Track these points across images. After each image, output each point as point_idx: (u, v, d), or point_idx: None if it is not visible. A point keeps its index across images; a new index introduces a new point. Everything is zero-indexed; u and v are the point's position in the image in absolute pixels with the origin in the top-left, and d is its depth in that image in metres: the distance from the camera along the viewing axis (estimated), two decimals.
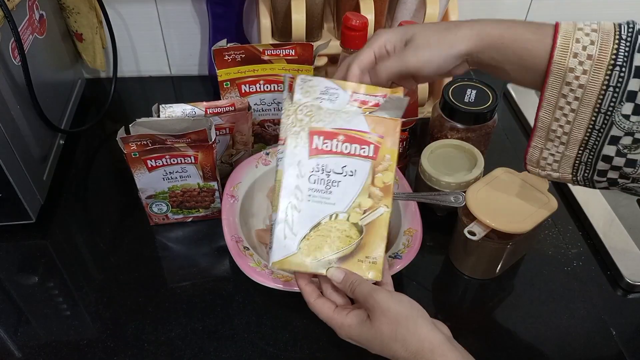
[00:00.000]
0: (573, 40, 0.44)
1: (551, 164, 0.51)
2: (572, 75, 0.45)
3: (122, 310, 0.63)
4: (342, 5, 0.81)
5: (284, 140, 0.49)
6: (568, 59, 0.44)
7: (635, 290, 0.66)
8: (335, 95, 0.49)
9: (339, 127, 0.49)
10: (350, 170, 0.49)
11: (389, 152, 0.50)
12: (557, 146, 0.49)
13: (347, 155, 0.49)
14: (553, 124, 0.48)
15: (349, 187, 0.49)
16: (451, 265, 0.69)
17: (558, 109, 0.47)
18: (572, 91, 0.45)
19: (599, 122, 0.46)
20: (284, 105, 0.50)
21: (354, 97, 0.49)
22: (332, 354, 0.60)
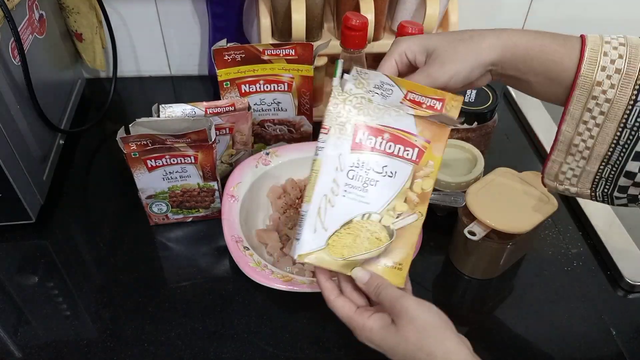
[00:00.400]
0: (601, 54, 0.44)
1: (570, 178, 0.50)
2: (599, 89, 0.44)
3: (122, 310, 0.63)
4: (342, 5, 0.81)
5: (327, 129, 0.46)
6: (596, 72, 0.44)
7: (635, 290, 0.66)
8: (389, 91, 0.47)
9: (386, 125, 0.47)
10: (391, 171, 0.48)
11: (433, 159, 0.48)
12: (577, 161, 0.48)
13: (390, 155, 0.47)
14: (576, 138, 0.47)
15: (386, 188, 0.47)
16: (451, 265, 0.69)
17: (582, 123, 0.46)
18: (598, 105, 0.45)
19: (623, 138, 0.45)
20: (333, 92, 0.47)
21: (409, 96, 0.46)
22: (332, 354, 0.60)
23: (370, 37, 0.80)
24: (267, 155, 0.73)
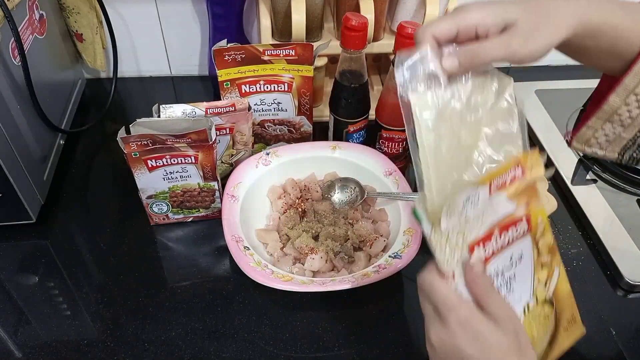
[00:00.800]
0: None
1: (602, 143, 0.50)
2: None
3: (122, 310, 0.63)
4: (342, 6, 0.81)
5: (452, 274, 0.43)
6: None
7: (635, 290, 0.66)
8: (476, 197, 0.43)
9: (490, 224, 0.44)
10: (518, 257, 0.46)
11: (539, 214, 0.46)
12: (614, 128, 0.48)
13: (508, 245, 0.45)
14: (622, 108, 0.47)
15: (524, 274, 0.46)
16: None
17: (633, 94, 0.46)
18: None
19: None
20: (430, 243, 0.43)
21: (492, 188, 0.44)
22: (332, 354, 0.60)
23: (370, 38, 0.80)
24: (267, 155, 0.73)
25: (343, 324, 0.62)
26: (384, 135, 0.76)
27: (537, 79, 1.00)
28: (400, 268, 0.60)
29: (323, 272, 0.64)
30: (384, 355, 0.59)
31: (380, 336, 0.61)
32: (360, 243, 0.67)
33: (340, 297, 0.64)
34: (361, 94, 0.73)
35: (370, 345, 0.60)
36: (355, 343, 0.60)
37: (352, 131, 0.76)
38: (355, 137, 0.77)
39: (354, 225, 0.69)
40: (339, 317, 0.63)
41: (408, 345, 0.60)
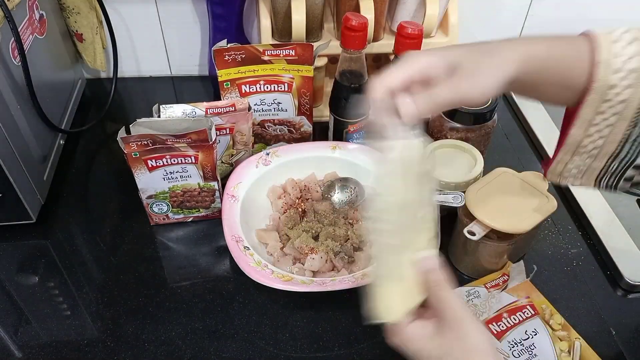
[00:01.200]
0: (612, 56, 0.43)
1: (575, 174, 0.50)
2: (613, 92, 0.43)
3: (123, 310, 0.63)
4: (342, 6, 0.81)
5: None
6: (610, 76, 0.43)
7: (635, 290, 0.66)
8: (476, 292, 0.62)
9: (497, 310, 0.60)
10: (532, 331, 0.59)
11: (542, 303, 0.61)
12: (584, 159, 0.48)
13: (520, 323, 0.59)
14: (585, 140, 0.47)
15: (542, 342, 0.58)
16: (451, 265, 0.69)
17: (593, 125, 0.46)
18: (612, 107, 0.44)
19: (634, 135, 0.45)
20: None
21: (487, 286, 0.63)
22: (332, 354, 0.60)
23: (370, 38, 0.80)
24: (267, 155, 0.73)
25: (343, 324, 0.62)
26: None
27: None
28: None
29: (323, 272, 0.64)
30: (384, 355, 0.59)
31: (380, 336, 0.61)
32: (360, 243, 0.67)
33: (340, 297, 0.64)
34: (361, 94, 0.73)
35: (370, 345, 0.60)
36: (355, 343, 0.60)
37: (352, 131, 0.76)
38: (355, 137, 0.77)
39: (354, 225, 0.69)
40: (339, 317, 0.63)
41: None
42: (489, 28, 0.98)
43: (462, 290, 0.62)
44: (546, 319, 0.60)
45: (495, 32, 0.98)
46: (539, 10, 0.96)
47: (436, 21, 0.81)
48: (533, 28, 0.98)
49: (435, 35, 0.84)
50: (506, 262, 0.66)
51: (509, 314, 0.60)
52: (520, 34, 0.99)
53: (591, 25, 1.04)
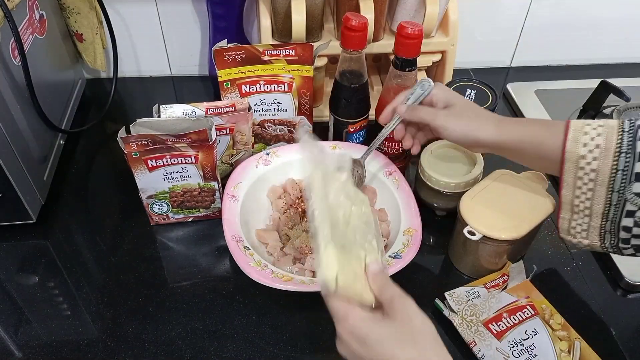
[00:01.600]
0: (582, 134, 0.52)
1: (580, 232, 0.56)
2: (583, 162, 0.51)
3: (122, 310, 0.63)
4: (342, 6, 0.81)
5: (473, 342, 0.58)
6: (579, 148, 0.51)
7: (635, 290, 0.66)
8: (475, 292, 0.62)
9: (497, 309, 0.60)
10: (532, 331, 0.59)
11: (542, 303, 0.62)
12: (582, 218, 0.55)
13: (520, 323, 0.59)
14: (575, 200, 0.54)
15: (542, 342, 0.58)
16: (451, 265, 0.69)
17: (577, 188, 0.53)
18: (586, 174, 0.52)
19: (614, 199, 0.51)
20: (453, 319, 0.60)
21: (487, 286, 0.63)
22: (332, 354, 0.60)
23: (370, 38, 0.80)
24: (267, 155, 0.73)
25: None
26: None
27: (537, 79, 1.00)
28: (400, 268, 0.60)
29: None
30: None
31: None
32: None
33: None
34: (361, 94, 0.73)
35: None
36: None
37: (352, 131, 0.76)
38: (355, 137, 0.77)
39: None
40: None
41: None
42: (489, 28, 0.98)
43: (462, 290, 0.62)
44: (546, 319, 0.60)
45: (495, 32, 0.98)
46: (538, 10, 0.96)
47: (436, 21, 0.81)
48: (533, 28, 0.99)
49: (435, 35, 0.84)
50: (506, 262, 0.66)
51: (509, 314, 0.60)
52: (520, 34, 1.00)
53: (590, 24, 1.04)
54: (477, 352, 0.57)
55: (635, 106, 0.85)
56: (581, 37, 1.01)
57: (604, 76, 0.87)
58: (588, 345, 0.58)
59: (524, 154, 0.57)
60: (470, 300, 0.61)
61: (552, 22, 0.98)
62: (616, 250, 0.55)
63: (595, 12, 0.98)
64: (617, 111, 0.84)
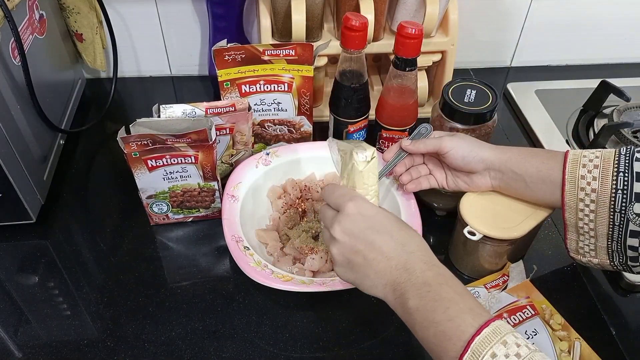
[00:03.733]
0: (580, 157, 0.54)
1: (589, 252, 0.57)
2: (584, 182, 0.53)
3: (122, 310, 0.63)
4: (342, 6, 0.81)
5: None
6: (578, 169, 0.54)
7: (635, 290, 0.66)
8: (476, 293, 0.63)
9: (497, 310, 0.61)
10: (532, 332, 0.59)
11: (542, 303, 0.62)
12: (588, 239, 0.56)
13: (520, 323, 0.60)
14: (579, 222, 0.55)
15: (542, 342, 0.58)
16: (451, 265, 0.69)
17: (579, 210, 0.54)
18: (587, 195, 0.53)
19: (617, 220, 0.52)
20: None
21: (487, 287, 0.64)
22: (332, 354, 0.60)
23: (370, 38, 0.80)
24: (267, 155, 0.73)
25: (343, 324, 0.62)
26: (384, 135, 0.76)
27: (537, 79, 1.00)
28: None
29: (323, 272, 0.64)
30: (384, 355, 0.59)
31: (380, 336, 0.61)
32: None
33: (340, 297, 0.64)
34: (361, 94, 0.73)
35: (370, 345, 0.60)
36: (355, 343, 0.60)
37: (352, 131, 0.76)
38: (355, 137, 0.77)
39: None
40: (339, 317, 0.63)
41: (408, 345, 0.60)
42: (489, 28, 0.98)
43: None
44: (546, 319, 0.60)
45: (495, 32, 0.98)
46: (538, 10, 0.96)
47: (436, 21, 0.81)
48: (533, 28, 0.99)
49: (435, 35, 0.84)
50: (506, 262, 0.66)
51: (509, 314, 0.60)
52: (520, 34, 0.99)
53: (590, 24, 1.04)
54: None
55: (635, 106, 0.85)
56: (581, 37, 1.01)
57: (604, 76, 0.87)
58: (588, 345, 0.58)
59: (526, 176, 0.58)
60: None
61: (552, 22, 0.98)
62: (626, 268, 0.55)
63: (595, 12, 0.98)
64: (617, 111, 0.84)
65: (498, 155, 0.59)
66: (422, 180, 0.66)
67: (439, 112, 0.72)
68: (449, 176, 0.65)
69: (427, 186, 0.66)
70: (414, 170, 0.66)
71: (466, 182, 0.63)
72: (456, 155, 0.60)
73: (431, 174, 0.66)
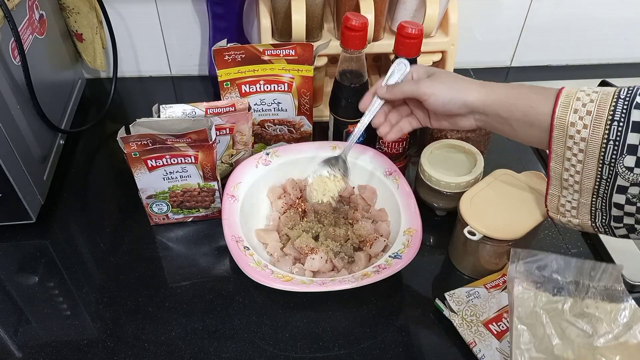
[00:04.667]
0: (574, 99, 0.49)
1: (569, 210, 0.53)
2: (573, 129, 0.48)
3: (122, 310, 0.63)
4: (342, 5, 0.81)
5: (474, 342, 0.58)
6: (569, 114, 0.49)
7: (635, 290, 0.66)
8: (476, 292, 0.62)
9: (497, 310, 0.60)
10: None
11: None
12: (571, 194, 0.52)
13: None
14: (564, 174, 0.51)
15: None
16: (451, 265, 0.69)
17: (566, 160, 0.50)
18: (576, 144, 0.49)
19: (605, 173, 0.48)
20: (453, 319, 0.60)
21: (487, 287, 0.63)
22: (332, 354, 0.60)
23: (370, 38, 0.80)
24: (267, 155, 0.73)
25: (343, 324, 0.62)
26: None
27: (537, 79, 1.00)
28: (400, 268, 0.60)
29: (323, 272, 0.64)
30: (384, 355, 0.59)
31: (380, 336, 0.61)
32: (360, 243, 0.67)
33: (340, 297, 0.64)
34: (361, 94, 0.73)
35: (370, 345, 0.60)
36: (355, 343, 0.60)
37: (352, 131, 0.76)
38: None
39: (354, 225, 0.69)
40: (339, 317, 0.63)
41: (408, 345, 0.60)
42: (489, 28, 0.98)
43: (462, 290, 0.62)
44: None
45: (495, 32, 0.98)
46: (539, 9, 0.96)
47: (436, 21, 0.81)
48: (533, 28, 0.99)
49: (435, 35, 0.84)
50: (506, 263, 0.66)
51: (509, 314, 0.60)
52: (520, 34, 0.99)
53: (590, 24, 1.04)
54: (477, 352, 0.57)
55: None
56: (581, 37, 1.01)
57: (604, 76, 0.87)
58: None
59: (512, 120, 0.53)
60: (470, 300, 0.61)
61: (552, 22, 0.98)
62: (608, 230, 0.52)
63: (595, 12, 0.98)
64: None
65: (482, 98, 0.54)
66: (403, 124, 0.63)
67: None
68: (432, 116, 0.61)
69: (408, 129, 0.63)
70: (394, 113, 0.63)
71: (450, 123, 0.60)
72: (437, 102, 0.56)
73: (413, 114, 0.63)
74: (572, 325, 0.52)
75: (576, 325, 0.52)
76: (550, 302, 0.52)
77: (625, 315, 0.52)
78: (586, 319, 0.52)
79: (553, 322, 0.52)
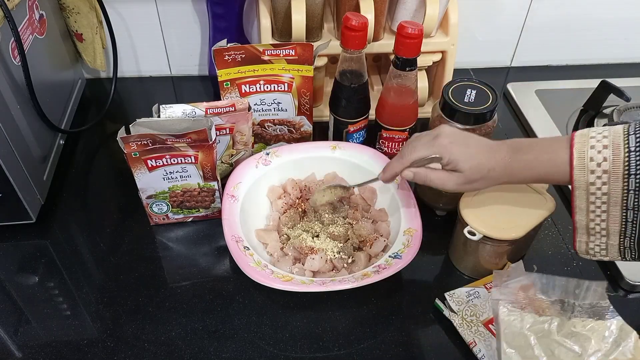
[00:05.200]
0: (588, 160, 0.50)
1: (599, 251, 0.54)
2: (594, 187, 0.50)
3: (122, 310, 0.63)
4: (342, 5, 0.81)
5: (474, 342, 0.58)
6: (587, 175, 0.50)
7: (635, 290, 0.66)
8: (476, 292, 0.62)
9: None
10: None
11: None
12: (599, 238, 0.53)
13: None
14: (590, 223, 0.53)
15: None
16: (451, 265, 0.69)
17: (590, 212, 0.52)
18: (598, 198, 0.51)
19: (630, 217, 0.50)
20: (453, 319, 0.61)
21: (487, 287, 0.63)
22: (332, 354, 0.60)
23: (370, 38, 0.80)
24: (267, 155, 0.73)
25: (343, 324, 0.62)
26: (384, 135, 0.76)
27: (537, 78, 1.00)
28: (400, 268, 0.60)
29: (323, 272, 0.64)
30: (384, 355, 0.59)
31: (380, 336, 0.61)
32: (360, 243, 0.67)
33: (340, 297, 0.64)
34: (361, 94, 0.73)
35: (370, 345, 0.60)
36: (355, 343, 0.60)
37: (352, 131, 0.76)
38: (355, 137, 0.77)
39: (354, 225, 0.69)
40: (339, 317, 0.63)
41: (408, 345, 0.60)
42: (489, 28, 0.98)
43: (462, 290, 0.62)
44: None
45: (495, 32, 0.98)
46: (539, 9, 0.96)
47: (436, 21, 0.81)
48: (533, 28, 0.98)
49: (435, 35, 0.84)
50: (506, 262, 0.66)
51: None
52: (520, 34, 0.99)
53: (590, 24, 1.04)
54: (477, 352, 0.57)
55: (635, 106, 0.85)
56: (581, 37, 1.01)
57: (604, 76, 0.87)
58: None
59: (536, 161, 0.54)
60: (470, 300, 0.61)
61: (552, 22, 0.98)
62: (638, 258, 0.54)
63: (595, 12, 0.97)
64: (617, 111, 0.84)
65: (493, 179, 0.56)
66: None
67: (439, 112, 0.72)
68: None
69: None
70: None
71: None
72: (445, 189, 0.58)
73: None
74: (561, 346, 0.52)
75: (565, 346, 0.52)
76: (537, 323, 0.53)
77: (612, 332, 0.53)
78: (574, 338, 0.52)
79: (541, 343, 0.52)
